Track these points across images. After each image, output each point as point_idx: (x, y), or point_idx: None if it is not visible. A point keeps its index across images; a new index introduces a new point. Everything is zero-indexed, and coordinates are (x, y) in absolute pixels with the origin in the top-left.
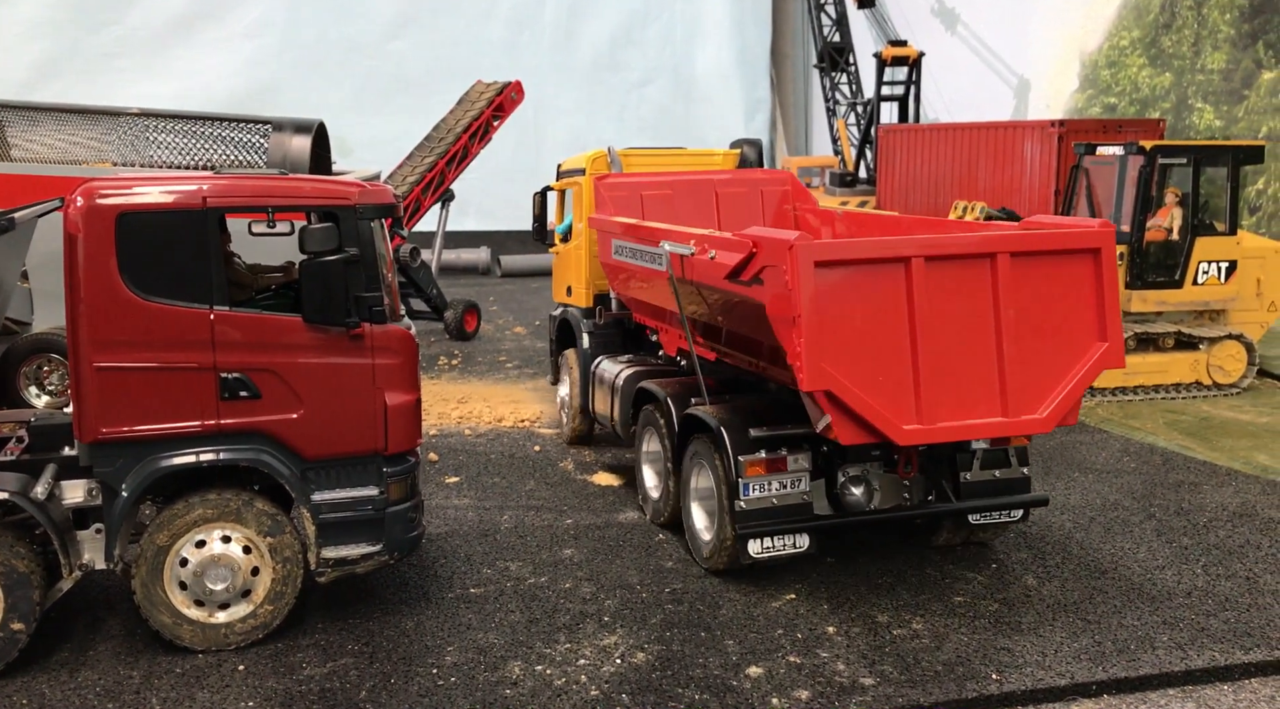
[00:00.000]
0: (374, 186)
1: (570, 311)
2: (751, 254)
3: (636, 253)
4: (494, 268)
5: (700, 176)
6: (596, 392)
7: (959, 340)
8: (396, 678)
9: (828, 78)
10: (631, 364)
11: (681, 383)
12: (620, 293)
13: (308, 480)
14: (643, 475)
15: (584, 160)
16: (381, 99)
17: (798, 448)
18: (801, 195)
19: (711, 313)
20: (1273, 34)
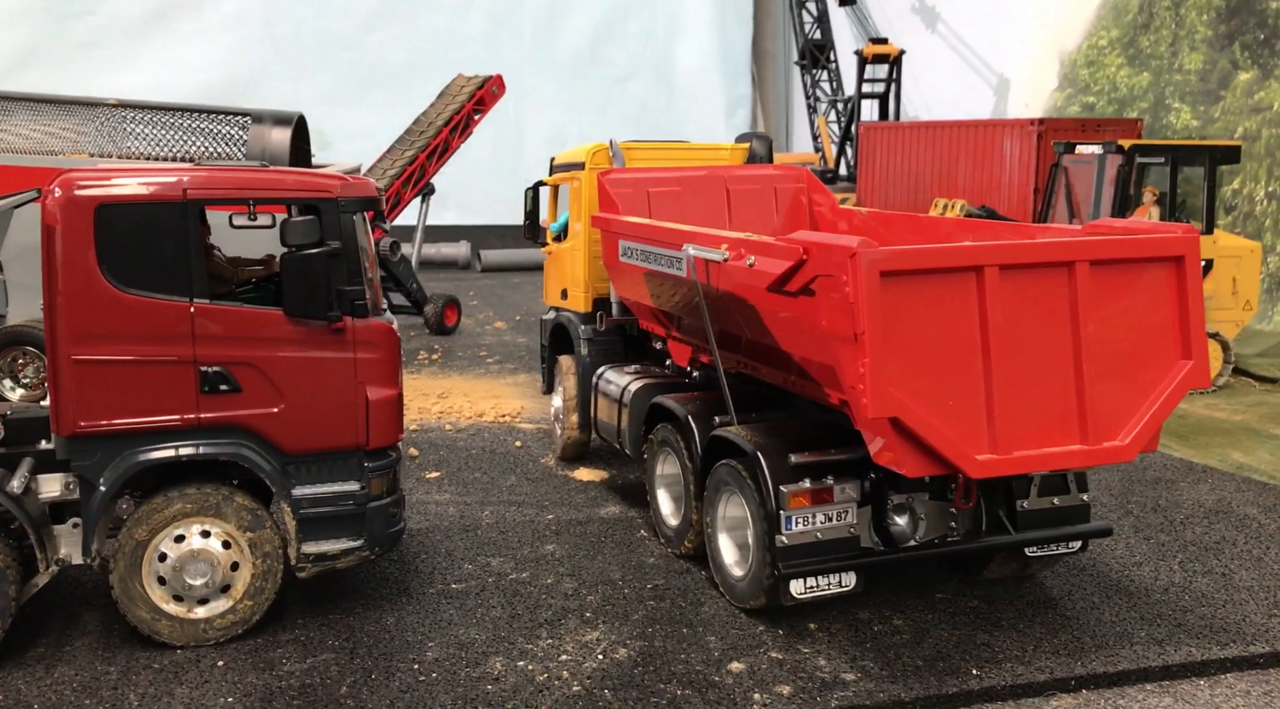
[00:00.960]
0: (356, 179)
1: (566, 316)
2: (801, 262)
3: (650, 256)
4: (474, 262)
5: (710, 172)
6: (600, 405)
7: (1035, 359)
8: (377, 674)
9: (809, 75)
10: (640, 376)
11: (702, 399)
12: (626, 298)
13: (288, 475)
14: (657, 500)
15: (583, 154)
16: (361, 92)
17: (844, 476)
18: (818, 193)
19: (739, 323)
20: (1249, 35)
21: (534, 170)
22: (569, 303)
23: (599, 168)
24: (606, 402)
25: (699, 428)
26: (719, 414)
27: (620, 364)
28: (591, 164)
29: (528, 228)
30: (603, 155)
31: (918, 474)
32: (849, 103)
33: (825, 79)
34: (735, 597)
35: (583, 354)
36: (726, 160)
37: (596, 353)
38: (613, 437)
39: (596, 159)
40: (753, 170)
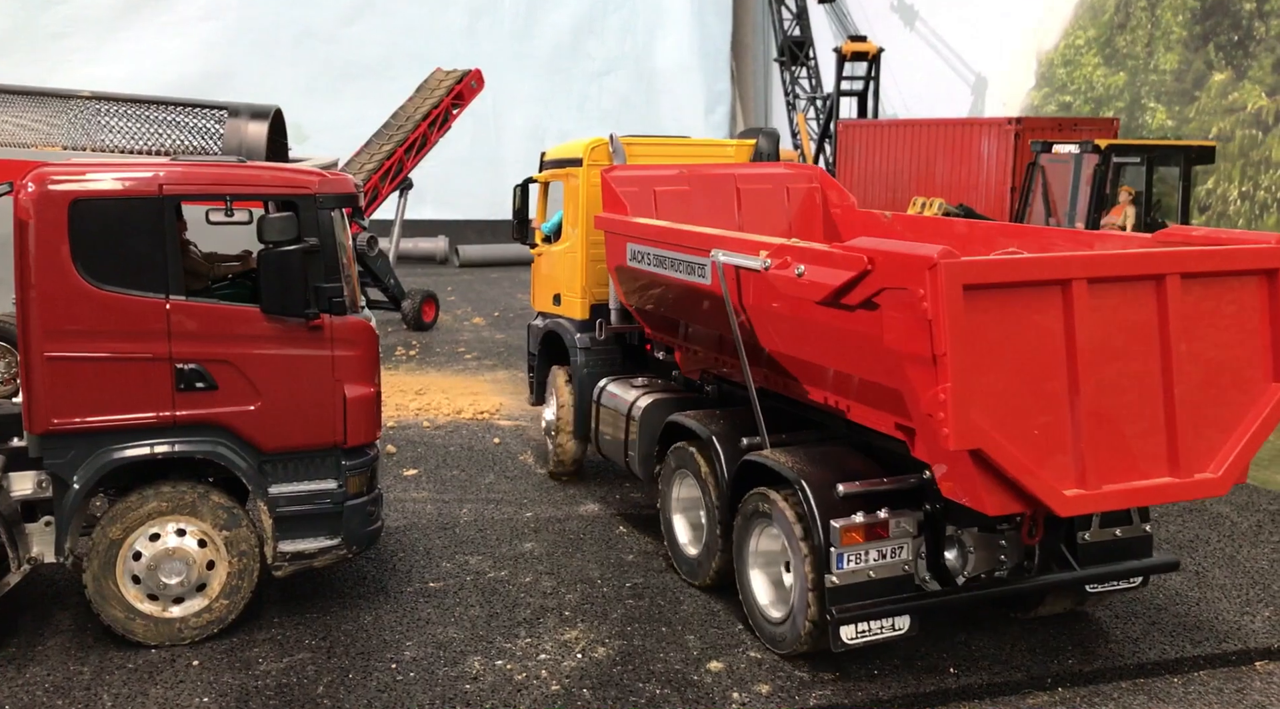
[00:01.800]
0: (334, 175)
1: (560, 323)
2: (864, 272)
3: (666, 261)
4: (452, 257)
5: (720, 171)
6: (603, 420)
7: (1123, 383)
8: (355, 673)
9: (788, 72)
10: (649, 389)
11: (725, 417)
12: (633, 305)
13: (265, 473)
14: (672, 526)
15: (580, 149)
16: (338, 85)
17: (899, 507)
18: (835, 194)
19: (776, 337)
20: (1222, 36)
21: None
22: (563, 309)
23: (598, 164)
24: (611, 417)
25: (725, 451)
26: (746, 435)
27: (623, 376)
28: (590, 160)
29: (516, 227)
30: (602, 151)
31: (999, 512)
32: (828, 100)
33: (804, 76)
34: (773, 642)
35: (579, 364)
36: (731, 157)
37: (594, 363)
38: (618, 456)
39: (595, 155)
40: (763, 168)
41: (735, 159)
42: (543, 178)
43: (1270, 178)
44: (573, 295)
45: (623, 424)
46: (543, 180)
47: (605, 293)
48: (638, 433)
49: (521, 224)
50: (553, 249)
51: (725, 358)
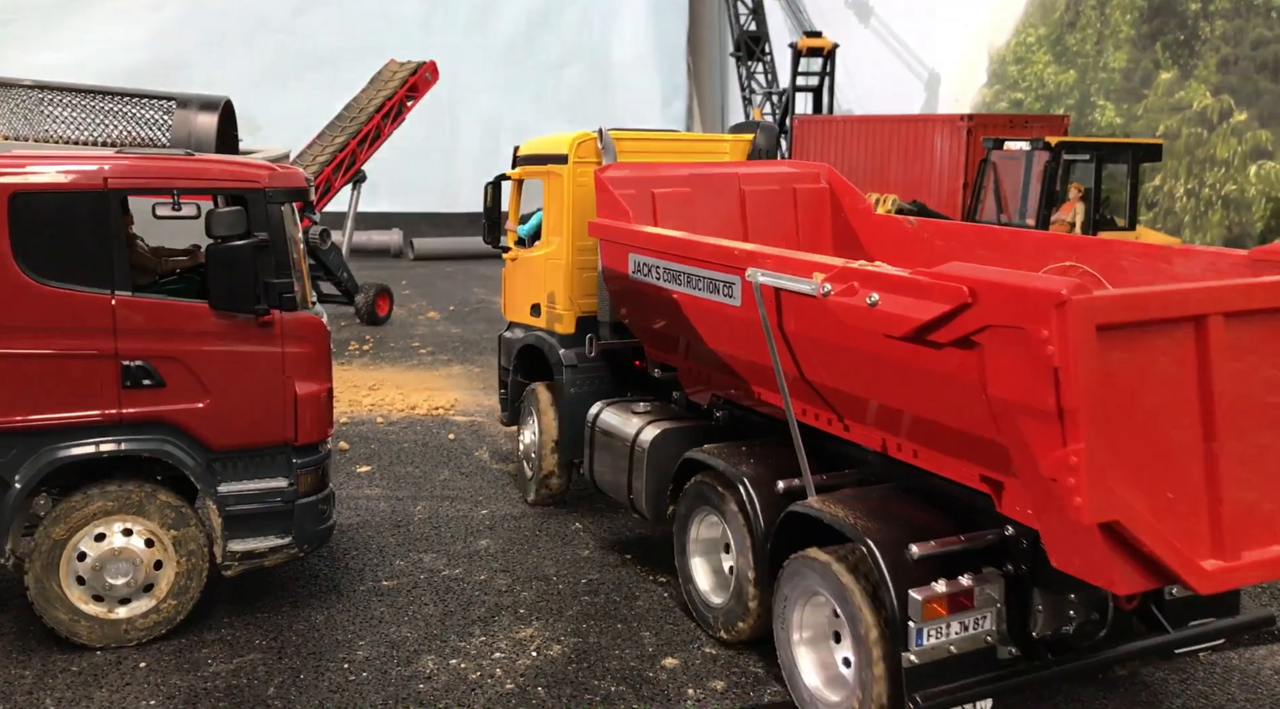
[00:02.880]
0: (285, 169)
1: (540, 337)
2: (963, 306)
3: (683, 277)
4: (406, 250)
5: (723, 171)
6: (599, 452)
7: (1262, 434)
8: (306, 673)
9: (744, 67)
10: (655, 417)
11: (752, 453)
12: (632, 322)
13: (214, 471)
14: (690, 570)
15: (565, 144)
16: (290, 75)
17: (981, 570)
18: (847, 196)
19: (825, 370)
20: (1169, 36)
21: (468, 158)
22: (544, 321)
23: (585, 162)
24: (610, 449)
25: (761, 496)
26: (782, 477)
27: (621, 400)
28: (577, 157)
29: (486, 229)
30: (590, 147)
31: (1130, 591)
32: (784, 95)
33: (760, 71)
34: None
35: (566, 384)
36: (727, 154)
37: (583, 382)
38: (620, 492)
39: (583, 151)
40: (768, 167)
41: (731, 156)
42: (517, 175)
43: (1215, 176)
44: (557, 307)
45: (625, 457)
46: (517, 177)
47: (593, 304)
48: (645, 468)
49: (493, 226)
50: (531, 254)
51: (746, 384)
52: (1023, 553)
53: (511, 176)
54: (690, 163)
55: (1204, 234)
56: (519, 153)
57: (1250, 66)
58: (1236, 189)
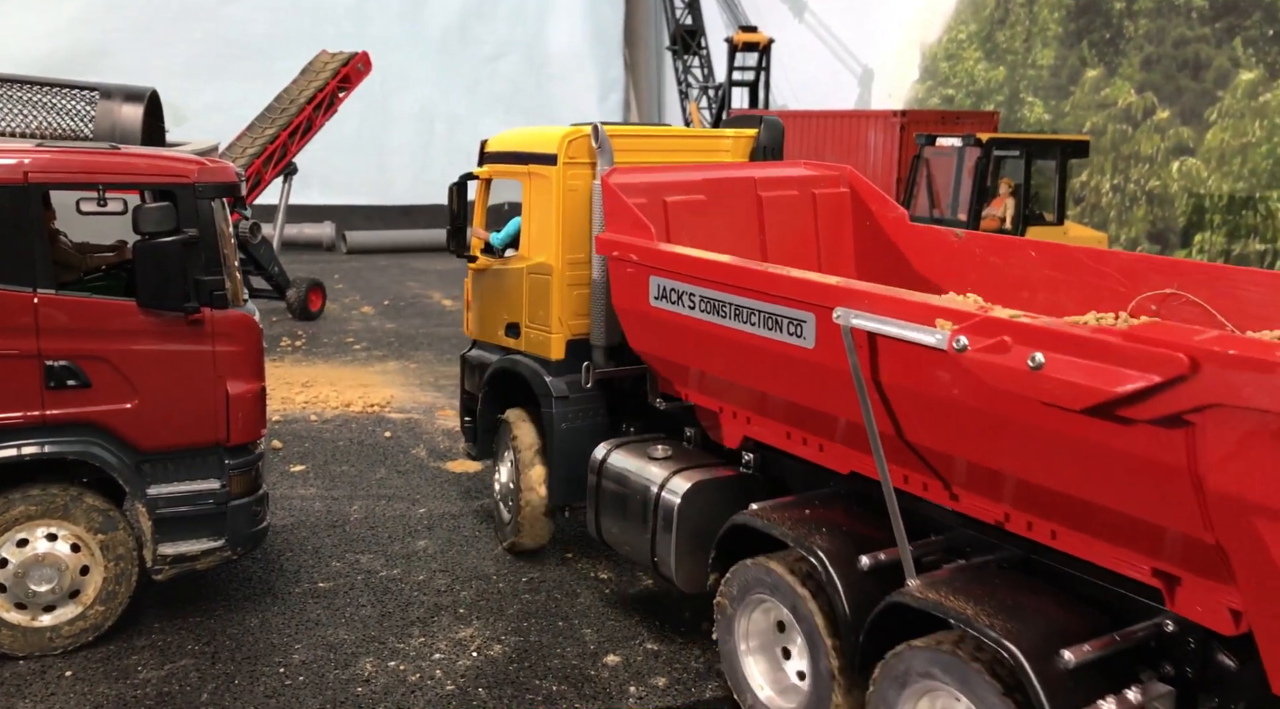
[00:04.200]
0: (215, 163)
1: (520, 363)
2: (1179, 378)
3: (731, 309)
4: (339, 244)
5: (737, 174)
6: (608, 503)
7: None
8: (241, 678)
9: (680, 60)
10: (681, 465)
11: (817, 516)
12: (648, 352)
13: (143, 473)
14: (741, 669)
15: (554, 141)
16: (218, 65)
17: (1146, 677)
18: (875, 202)
19: (929, 429)
20: (1096, 34)
21: (401, 150)
22: (524, 344)
23: (577, 162)
24: (625, 501)
25: (844, 579)
26: (862, 549)
27: (629, 439)
28: (568, 157)
29: (452, 235)
30: (582, 144)
31: None
32: (720, 89)
33: (697, 65)
34: None
35: (556, 417)
36: (728, 152)
37: (576, 416)
38: (640, 554)
39: (574, 149)
40: (784, 170)
41: (732, 154)
42: (485, 174)
43: (1139, 172)
44: (542, 328)
45: (647, 514)
46: (485, 177)
47: (585, 325)
48: (676, 529)
49: (458, 231)
50: (506, 266)
51: (804, 434)
52: (1188, 655)
53: (479, 176)
54: (700, 165)
55: (1129, 229)
56: (488, 149)
57: (1172, 65)
58: (1160, 185)
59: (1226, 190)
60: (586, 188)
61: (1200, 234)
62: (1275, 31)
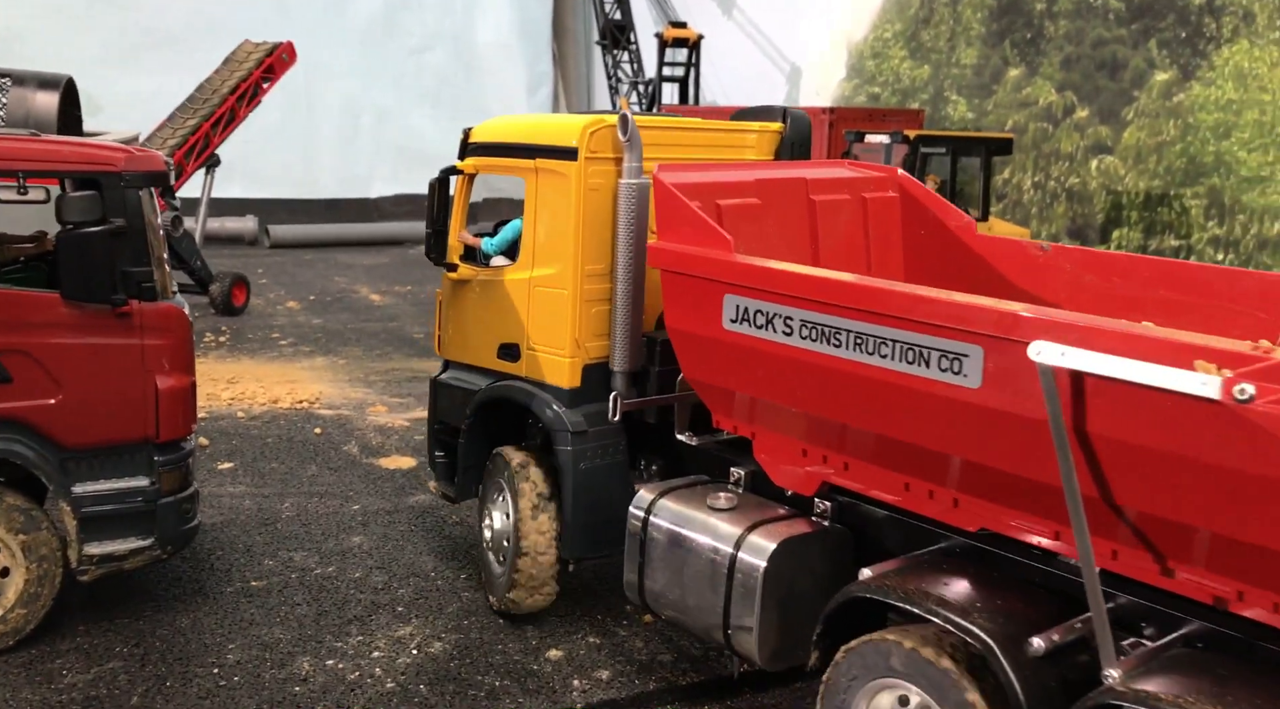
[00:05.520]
0: (142, 152)
1: (521, 390)
2: None
3: (848, 337)
4: (262, 238)
5: (788, 175)
6: (659, 562)
7: None
8: (173, 680)
9: (610, 55)
10: (756, 518)
11: (952, 584)
12: (715, 383)
13: (68, 471)
14: None
15: (571, 132)
16: (136, 54)
17: None
18: (936, 207)
19: (1132, 488)
20: (1017, 34)
21: (326, 143)
22: (527, 368)
23: (600, 157)
24: (685, 563)
25: (1018, 668)
26: (1029, 628)
27: (678, 484)
28: (590, 150)
29: (432, 240)
30: (606, 136)
31: None
32: (650, 85)
33: (626, 60)
34: None
35: (572, 456)
36: (752, 148)
37: (596, 454)
38: (708, 627)
39: (597, 142)
40: (831, 170)
41: (756, 150)
42: (470, 168)
43: (1059, 169)
44: (553, 351)
45: (718, 578)
46: (470, 172)
47: (604, 347)
48: (760, 599)
49: (440, 235)
50: (499, 277)
51: (928, 484)
52: None
53: (464, 170)
54: (748, 163)
55: (1050, 225)
56: (475, 139)
57: (1091, 65)
58: (1079, 182)
59: (1143, 187)
60: (609, 187)
61: (1118, 230)
62: (1188, 34)
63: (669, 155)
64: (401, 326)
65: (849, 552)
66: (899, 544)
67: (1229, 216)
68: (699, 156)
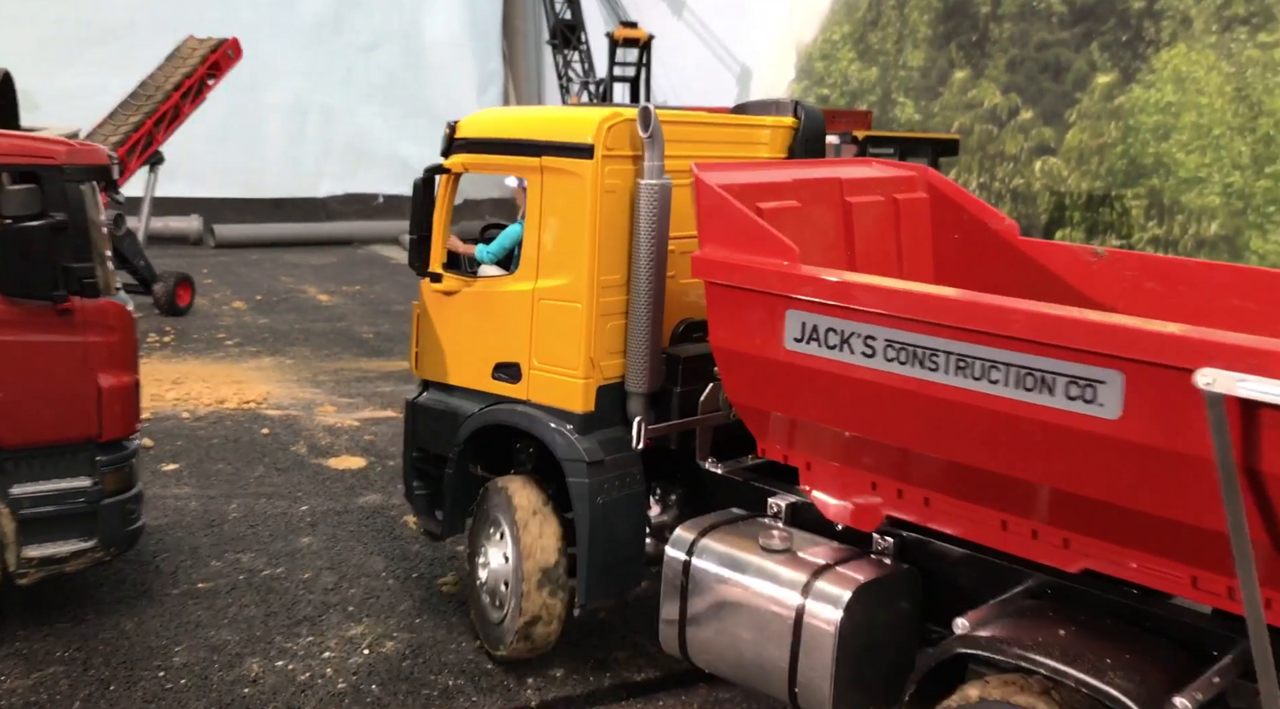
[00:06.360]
0: (84, 145)
1: (525, 416)
2: None
3: (944, 359)
4: (207, 237)
5: (822, 175)
6: (706, 611)
7: None
8: (117, 685)
9: (560, 55)
10: (818, 558)
11: (1072, 635)
12: (768, 407)
13: (6, 472)
14: None
15: (586, 127)
16: (75, 50)
17: None
18: (976, 211)
19: None
20: (963, 36)
21: (272, 142)
22: (530, 391)
23: (618, 154)
24: (738, 612)
25: None
26: (1170, 685)
27: (721, 521)
28: (607, 147)
29: (417, 247)
30: (624, 132)
31: None
32: (601, 85)
33: (577, 60)
34: None
35: (588, 488)
36: (766, 144)
37: (613, 485)
38: (771, 684)
39: (615, 137)
40: (862, 169)
41: (770, 147)
42: (459, 166)
43: (1004, 170)
44: (563, 371)
45: (783, 631)
46: (458, 170)
47: (619, 366)
48: (837, 653)
49: (423, 243)
50: (494, 289)
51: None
52: None
53: (451, 169)
54: (783, 162)
55: None
56: (462, 134)
57: (1035, 67)
58: (1024, 182)
59: (1085, 188)
60: (626, 188)
61: (1061, 230)
62: (1128, 37)
63: (681, 152)
64: (350, 326)
65: (918, 593)
66: (973, 583)
67: (1168, 217)
68: (713, 153)
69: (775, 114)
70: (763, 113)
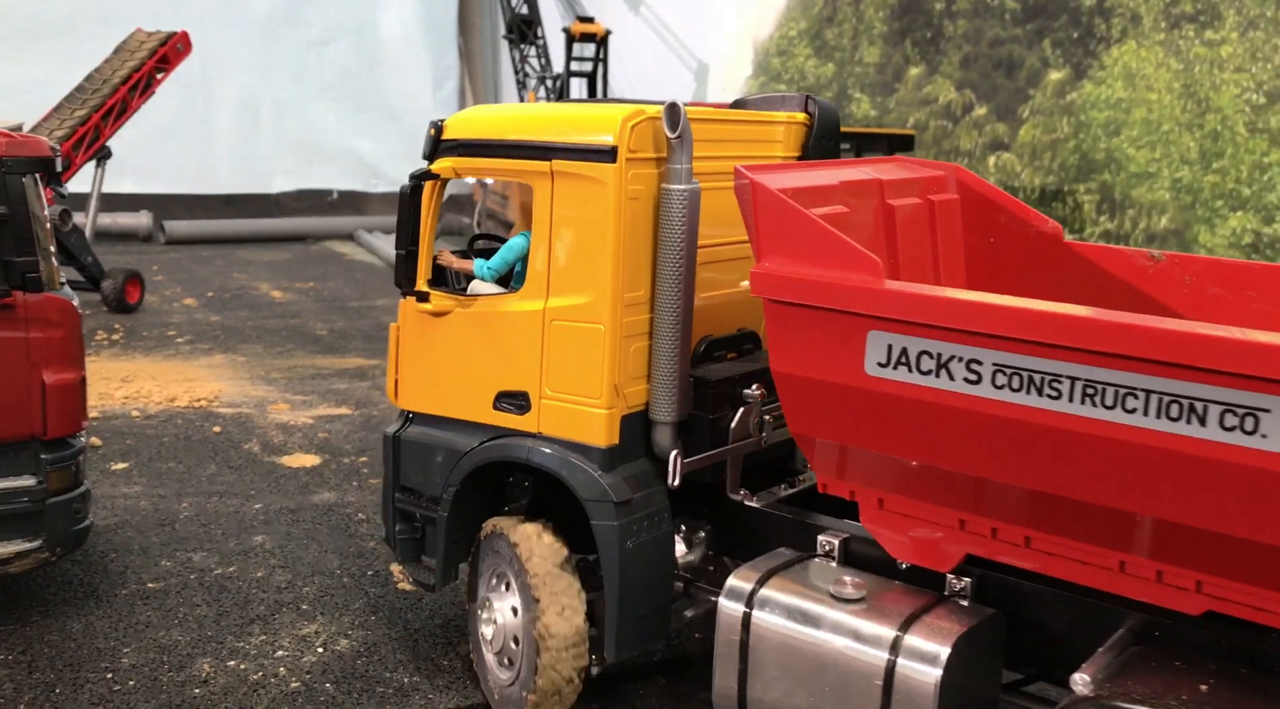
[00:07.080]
0: (24, 138)
1: (536, 452)
2: None
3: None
4: (157, 234)
5: (864, 177)
6: (773, 672)
7: None
8: (63, 687)
9: (517, 50)
10: (901, 608)
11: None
12: (839, 438)
13: None
14: None
15: (608, 125)
16: (17, 43)
17: None
18: (1019, 212)
19: None
20: (918, 33)
21: (222, 137)
22: (541, 422)
23: (640, 156)
24: (814, 673)
25: None
26: None
27: (778, 567)
28: (631, 149)
29: (402, 263)
30: (648, 131)
31: None
32: (558, 80)
33: (534, 55)
34: None
35: (616, 532)
36: (781, 142)
37: (642, 526)
38: None
39: (638, 139)
40: (895, 169)
41: (784, 145)
42: (449, 171)
43: (959, 165)
44: (582, 399)
45: (869, 694)
46: (446, 176)
47: (642, 393)
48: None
49: (410, 258)
50: (493, 309)
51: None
52: None
53: (441, 174)
54: (827, 163)
55: None
56: (450, 135)
57: (988, 64)
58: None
59: (1039, 183)
60: (650, 194)
61: None
62: (1080, 34)
63: (713, 150)
64: (304, 323)
65: (1003, 638)
66: (1065, 626)
67: (1119, 211)
68: (729, 154)
69: (783, 109)
70: (768, 109)
